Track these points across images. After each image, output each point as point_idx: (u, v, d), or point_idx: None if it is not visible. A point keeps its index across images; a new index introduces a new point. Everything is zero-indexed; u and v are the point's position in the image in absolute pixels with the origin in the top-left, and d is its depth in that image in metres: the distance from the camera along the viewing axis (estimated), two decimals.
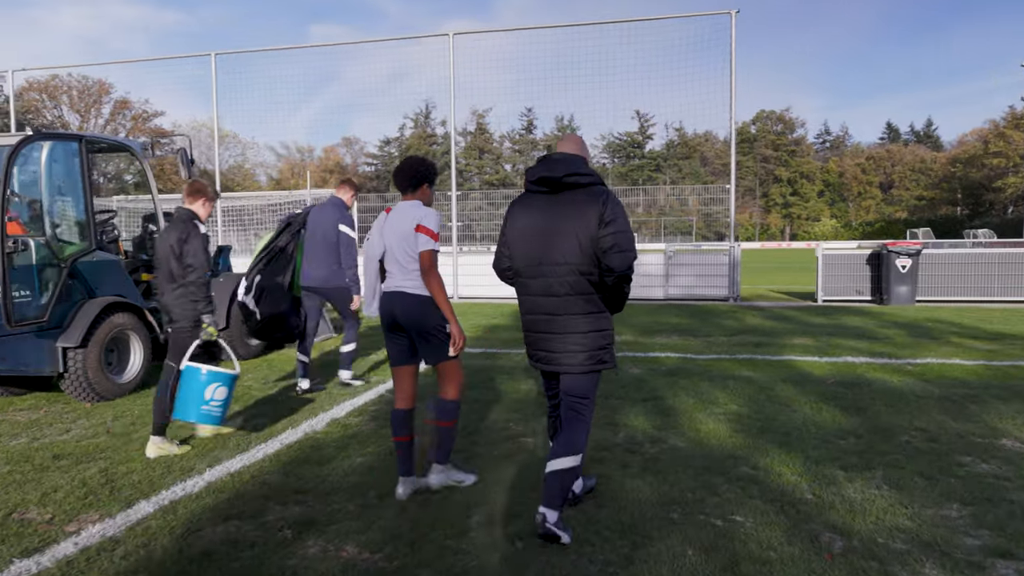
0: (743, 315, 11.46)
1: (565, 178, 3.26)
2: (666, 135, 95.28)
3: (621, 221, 3.20)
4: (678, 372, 6.80)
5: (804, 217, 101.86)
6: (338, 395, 6.06)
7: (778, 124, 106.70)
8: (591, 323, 3.30)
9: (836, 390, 5.98)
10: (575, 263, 3.23)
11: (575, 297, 3.27)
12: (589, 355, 3.30)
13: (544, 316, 3.34)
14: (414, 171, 3.78)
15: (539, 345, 3.39)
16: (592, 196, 3.24)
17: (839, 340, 8.65)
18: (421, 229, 3.65)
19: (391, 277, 3.79)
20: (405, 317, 3.69)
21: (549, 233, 3.27)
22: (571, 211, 3.24)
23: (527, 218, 3.36)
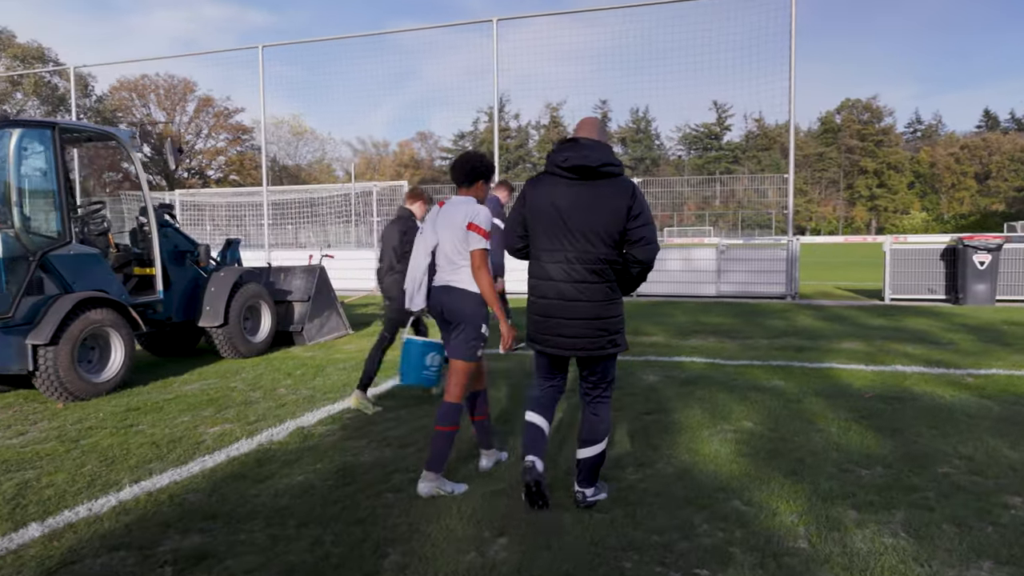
0: (795, 315, 10.55)
1: (601, 167, 3.27)
2: (745, 126, 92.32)
3: (647, 214, 3.29)
4: (697, 381, 6.11)
5: (892, 210, 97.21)
6: (320, 398, 5.65)
7: (864, 113, 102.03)
8: (611, 309, 3.36)
9: (874, 406, 5.19)
10: (603, 252, 3.28)
11: (600, 284, 3.31)
12: (609, 339, 3.36)
13: (564, 301, 3.33)
14: (471, 167, 3.80)
15: (555, 330, 3.36)
16: (621, 188, 3.28)
17: (894, 345, 7.73)
18: (472, 227, 3.64)
19: (440, 271, 3.81)
20: (450, 309, 3.73)
21: (578, 220, 3.28)
22: (601, 201, 3.26)
23: (554, 202, 3.33)
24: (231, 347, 7.18)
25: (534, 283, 3.46)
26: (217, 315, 6.98)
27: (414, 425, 4.85)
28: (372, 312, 11.78)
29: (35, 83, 53.58)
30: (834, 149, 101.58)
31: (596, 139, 3.40)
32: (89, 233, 6.38)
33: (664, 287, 13.76)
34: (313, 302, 8.26)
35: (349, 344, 8.29)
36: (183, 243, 7.12)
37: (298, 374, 6.57)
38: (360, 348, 7.96)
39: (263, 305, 7.64)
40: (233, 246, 8.10)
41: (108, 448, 4.44)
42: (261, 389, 6.02)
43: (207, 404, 5.51)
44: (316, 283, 8.31)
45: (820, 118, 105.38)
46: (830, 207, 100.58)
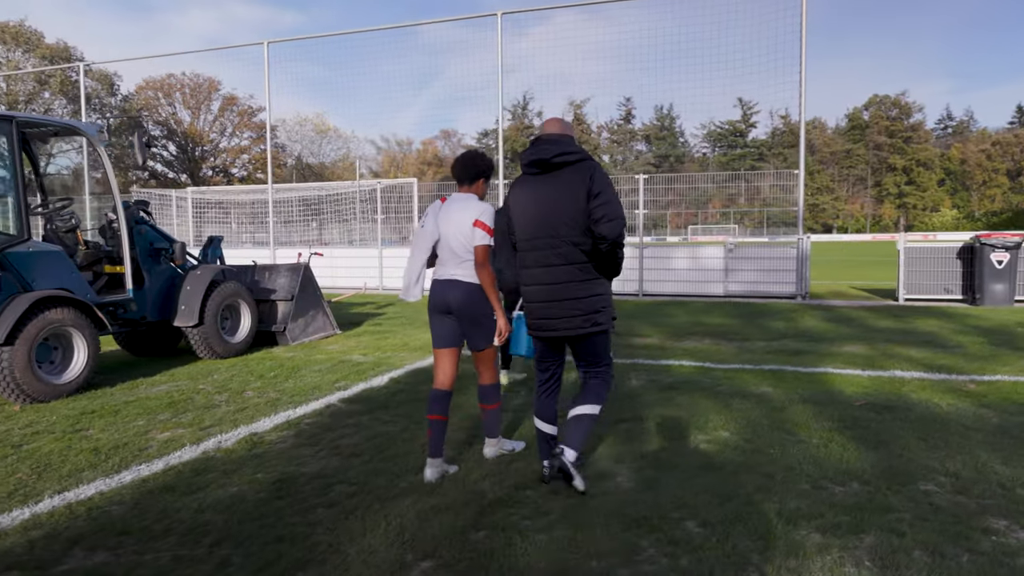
0: (800, 316, 10.18)
1: (554, 159, 3.52)
2: (771, 122, 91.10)
3: (608, 192, 3.45)
4: (681, 386, 5.82)
5: (921, 207, 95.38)
6: (285, 402, 5.45)
7: (893, 109, 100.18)
8: (586, 289, 3.53)
9: (862, 415, 4.87)
10: (567, 235, 3.48)
11: (569, 266, 3.51)
12: (585, 318, 3.53)
13: (542, 286, 3.58)
14: (472, 165, 3.96)
15: (539, 314, 3.63)
16: (579, 172, 3.48)
17: (898, 348, 7.36)
18: (479, 224, 3.80)
19: (443, 265, 3.95)
20: (459, 304, 3.86)
21: (543, 210, 3.54)
22: (562, 188, 3.50)
23: (524, 198, 3.64)
24: (207, 347, 7.01)
25: (521, 274, 3.73)
26: (192, 314, 6.82)
27: (371, 432, 4.62)
28: (364, 312, 11.59)
29: (61, 82, 54.30)
30: (861, 146, 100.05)
31: (558, 133, 3.64)
32: (56, 230, 6.24)
33: (671, 286, 13.44)
34: (297, 301, 8.07)
35: (333, 344, 8.09)
36: (159, 240, 6.95)
37: (271, 376, 6.38)
38: (343, 348, 7.77)
39: (242, 304, 7.46)
40: (215, 243, 7.93)
41: (47, 455, 4.26)
42: (228, 391, 5.83)
43: (167, 407, 5.33)
44: (300, 281, 8.12)
45: (847, 114, 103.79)
46: (857, 205, 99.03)
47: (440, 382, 3.98)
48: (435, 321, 3.98)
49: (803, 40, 12.36)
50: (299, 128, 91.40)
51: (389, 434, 4.58)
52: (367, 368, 6.68)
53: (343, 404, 5.40)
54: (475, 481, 3.72)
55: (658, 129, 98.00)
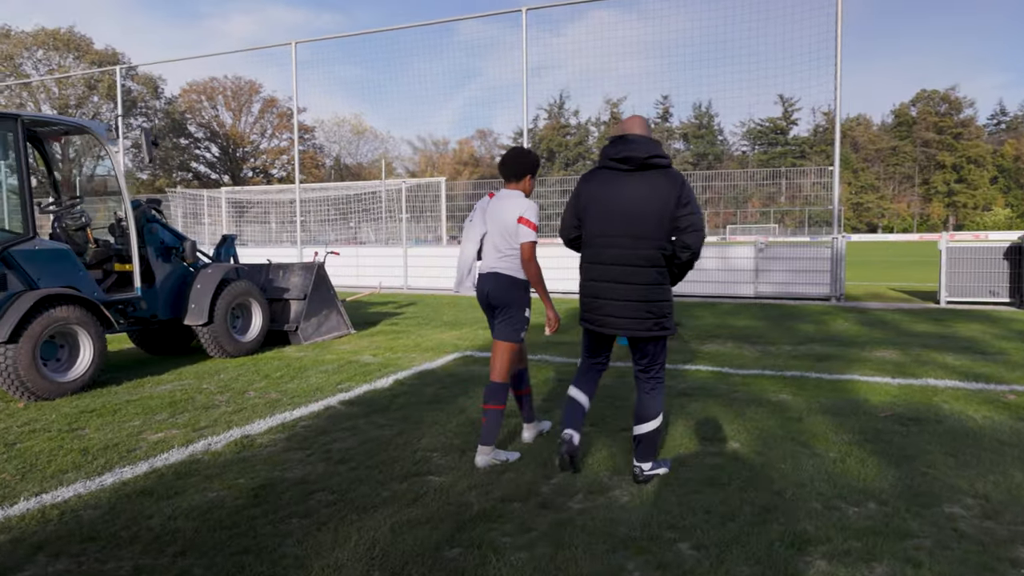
0: (832, 318, 9.78)
1: (649, 159, 3.53)
2: (812, 119, 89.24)
3: (695, 204, 3.53)
4: (695, 392, 5.55)
5: (971, 206, 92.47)
6: (285, 403, 5.34)
7: (942, 104, 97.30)
8: (659, 292, 3.56)
9: (887, 427, 4.56)
10: (653, 237, 3.50)
11: (649, 269, 3.52)
12: (655, 321, 3.57)
13: (614, 283, 3.57)
14: (519, 162, 4.03)
15: (604, 310, 3.62)
16: (671, 178, 3.51)
17: (933, 354, 6.97)
18: (523, 221, 3.88)
19: (486, 258, 4.07)
20: (495, 294, 3.98)
21: (630, 209, 3.52)
22: (652, 190, 3.50)
23: (607, 193, 3.60)
24: (217, 346, 6.96)
25: (587, 267, 3.72)
26: (202, 313, 6.76)
27: (366, 437, 4.47)
28: (384, 311, 11.50)
29: (109, 87, 55.63)
30: (908, 143, 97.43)
31: (644, 134, 3.66)
32: (67, 228, 6.23)
33: (700, 287, 13.09)
34: (310, 300, 7.98)
35: (345, 344, 7.99)
36: (170, 239, 6.92)
37: (276, 376, 6.29)
38: (355, 349, 7.65)
39: (254, 303, 7.39)
40: (228, 242, 7.88)
41: (37, 454, 4.20)
42: (230, 391, 5.74)
43: (166, 407, 5.25)
44: (313, 281, 8.03)
45: (893, 110, 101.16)
46: (904, 203, 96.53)
47: (495, 375, 4.08)
48: (486, 314, 4.17)
49: (839, 33, 11.91)
50: (337, 129, 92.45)
51: (382, 439, 4.42)
52: (374, 369, 6.54)
53: (342, 406, 5.26)
54: (461, 492, 3.53)
55: (696, 127, 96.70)
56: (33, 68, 52.01)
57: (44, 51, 53.31)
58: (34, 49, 52.91)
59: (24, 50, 51.92)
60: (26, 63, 51.45)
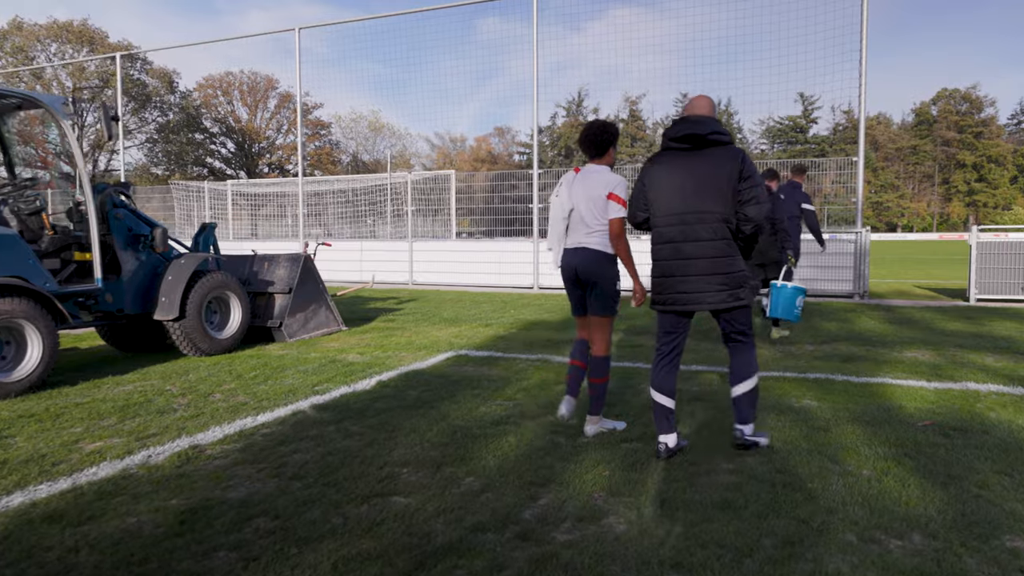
0: (857, 316, 9.14)
1: (710, 135, 3.61)
2: (832, 118, 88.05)
3: (757, 176, 3.61)
4: (708, 397, 4.98)
5: (991, 206, 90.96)
6: (250, 408, 4.81)
7: (963, 103, 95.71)
8: (732, 264, 3.61)
9: (928, 439, 3.96)
10: (719, 212, 3.58)
11: (719, 242, 3.58)
12: (730, 292, 3.63)
13: (687, 260, 3.63)
14: (599, 137, 4.06)
15: (677, 287, 3.66)
16: (731, 153, 3.61)
17: (970, 355, 6.34)
18: (613, 197, 3.95)
19: (574, 233, 4.09)
20: (584, 269, 4.03)
21: (695, 185, 3.60)
22: (714, 166, 3.59)
23: (671, 173, 3.68)
24: (190, 343, 6.45)
25: (656, 248, 3.76)
26: (172, 307, 6.25)
27: (331, 447, 3.93)
28: (382, 306, 10.98)
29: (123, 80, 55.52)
30: (928, 142, 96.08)
31: (707, 114, 3.72)
32: (19, 213, 5.73)
33: None
34: (295, 294, 7.46)
35: (333, 342, 7.46)
36: (140, 227, 6.41)
37: (249, 377, 5.77)
38: (342, 346, 7.13)
39: (232, 297, 6.87)
40: (208, 230, 7.36)
41: None
42: (194, 394, 5.23)
43: (117, 411, 4.74)
44: (299, 274, 7.51)
45: (914, 109, 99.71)
46: (924, 203, 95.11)
47: (583, 332, 4.31)
48: (569, 290, 4.22)
49: (864, 30, 11.26)
50: (354, 125, 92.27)
51: (349, 450, 3.88)
52: (358, 369, 6.01)
53: (314, 411, 4.73)
54: (426, 519, 2.98)
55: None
56: (47, 61, 51.87)
57: (58, 44, 53.24)
58: (48, 42, 52.84)
59: (37, 42, 51.86)
60: (39, 56, 51.38)
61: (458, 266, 14.74)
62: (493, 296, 12.57)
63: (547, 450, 3.86)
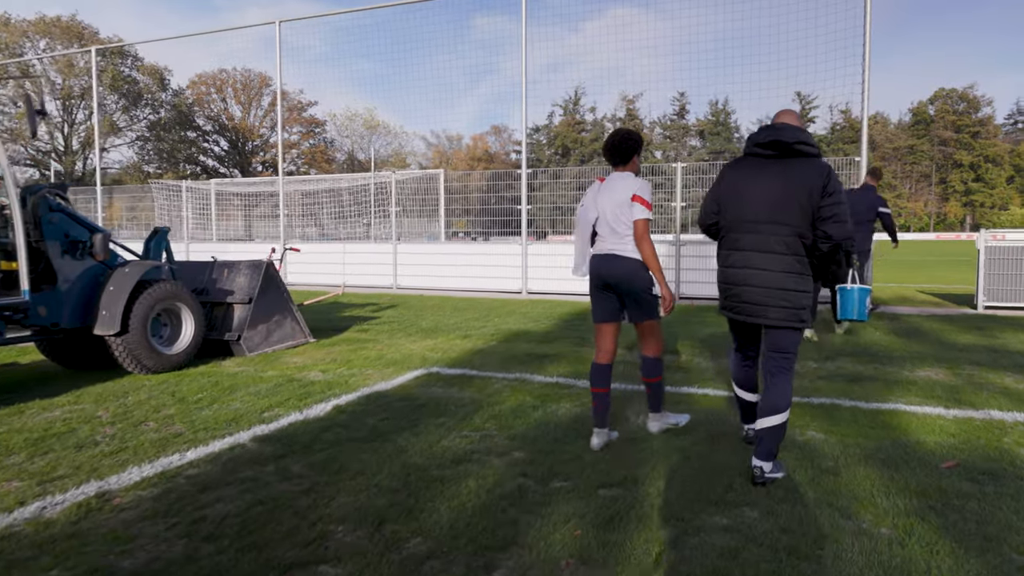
0: (862, 327, 8.61)
1: (796, 145, 3.49)
2: (831, 117, 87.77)
3: (841, 194, 3.43)
4: (699, 428, 4.43)
5: (988, 205, 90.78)
6: (184, 440, 4.25)
7: (960, 103, 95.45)
8: (799, 283, 3.48)
9: (953, 484, 3.42)
10: (795, 225, 3.45)
11: (790, 256, 3.47)
12: (792, 312, 3.49)
13: (754, 270, 3.52)
14: (626, 145, 4.04)
15: (743, 297, 3.57)
16: (817, 167, 3.47)
17: (988, 375, 5.81)
18: (637, 199, 3.92)
19: (602, 240, 4.07)
20: (617, 278, 3.98)
21: (774, 194, 3.48)
22: (797, 177, 3.46)
23: (751, 178, 3.57)
24: (134, 360, 5.87)
25: (725, 254, 3.68)
26: (113, 321, 5.69)
27: (262, 494, 3.38)
28: (359, 315, 10.41)
29: (113, 77, 54.69)
30: (926, 142, 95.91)
31: (794, 124, 3.61)
32: None
33: (712, 288, 11.94)
34: (256, 304, 6.89)
35: (297, 356, 6.89)
36: (78, 232, 5.83)
37: (194, 399, 5.21)
38: (306, 362, 6.57)
39: (184, 308, 6.30)
40: (160, 235, 6.78)
41: None
42: (126, 422, 4.66)
43: (29, 446, 4.17)
44: (261, 282, 6.94)
45: (911, 109, 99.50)
46: (921, 202, 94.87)
47: (601, 356, 4.15)
48: (595, 296, 4.15)
49: (867, 27, 10.73)
50: (349, 123, 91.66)
51: (281, 499, 3.33)
52: (316, 391, 5.46)
53: (255, 444, 4.17)
54: None
55: (713, 124, 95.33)
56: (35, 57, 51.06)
57: (47, 40, 52.49)
58: (36, 38, 52.08)
59: (25, 38, 51.11)
60: (28, 52, 50.60)
61: (444, 269, 14.19)
62: (478, 302, 12.01)
63: (512, 498, 3.32)
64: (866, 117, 11.12)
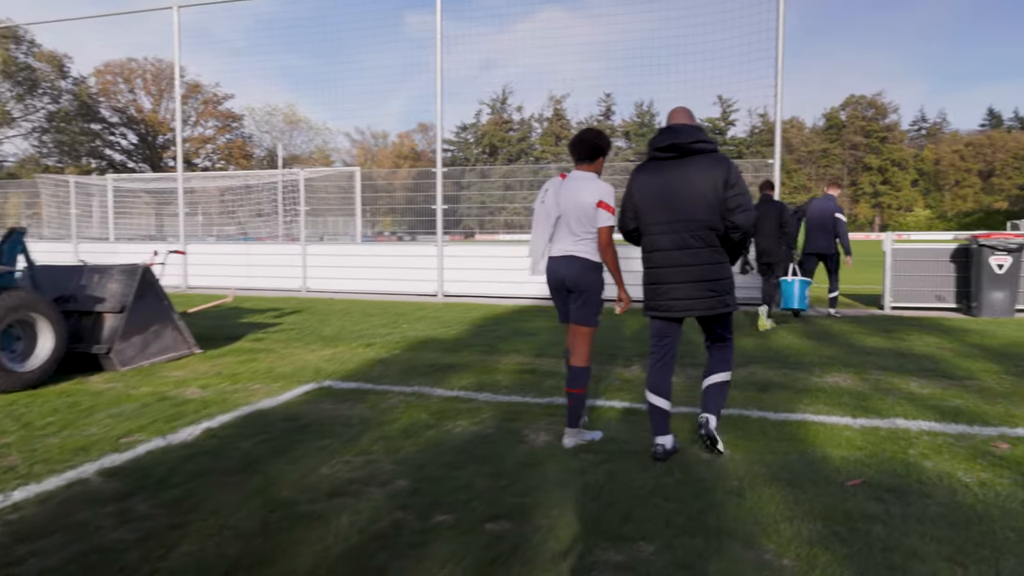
0: (774, 331, 8.56)
1: (694, 144, 3.68)
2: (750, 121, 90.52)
3: (742, 184, 3.68)
4: (601, 447, 4.14)
5: (895, 207, 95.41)
6: (20, 474, 3.69)
7: (869, 109, 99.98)
8: (720, 271, 3.71)
9: (860, 506, 3.22)
10: (706, 219, 3.65)
11: (708, 249, 3.67)
12: (720, 299, 3.73)
13: (681, 268, 3.69)
14: (592, 144, 4.02)
15: (669, 295, 3.74)
16: (717, 161, 3.68)
17: (895, 379, 5.76)
18: (602, 205, 3.91)
19: (560, 241, 4.01)
20: (572, 278, 3.97)
21: (681, 193, 3.67)
22: (700, 174, 3.65)
23: (657, 181, 3.75)
24: None
25: (647, 256, 3.81)
26: None
27: (90, 545, 2.88)
28: (259, 321, 9.81)
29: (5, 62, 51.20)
30: (838, 145, 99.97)
31: (689, 123, 3.79)
32: None
33: None
34: (130, 313, 6.25)
35: (178, 370, 6.30)
36: None
37: (41, 424, 4.61)
38: (185, 376, 6.00)
39: (40, 319, 5.63)
40: (15, 237, 6.04)
41: None
42: None
43: None
44: (136, 288, 6.31)
45: (825, 114, 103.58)
46: None
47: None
48: (555, 297, 4.16)
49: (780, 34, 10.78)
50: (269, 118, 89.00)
51: (112, 550, 2.84)
52: (190, 410, 4.93)
53: (100, 479, 3.65)
54: None
55: (638, 125, 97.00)
56: None
57: None
58: None
59: None
60: None
61: (358, 272, 13.63)
62: (390, 306, 11.53)
63: (385, 538, 2.93)
64: (779, 121, 11.19)
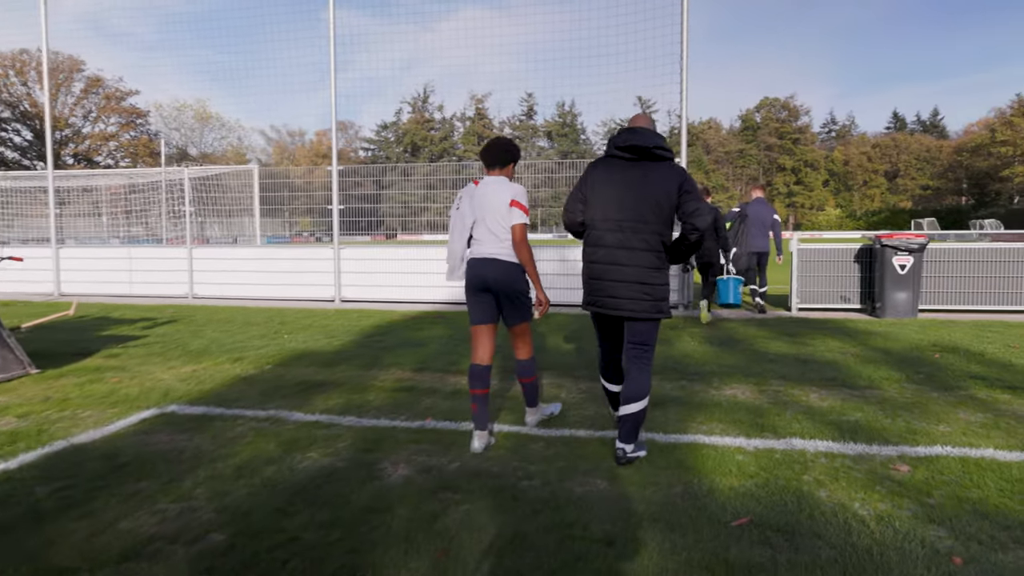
0: (679, 335, 8.24)
1: (654, 149, 3.75)
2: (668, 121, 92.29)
3: (697, 192, 3.74)
4: (466, 482, 3.62)
5: (808, 206, 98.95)
6: None
7: (783, 111, 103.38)
8: (658, 277, 3.76)
9: (745, 552, 2.79)
10: (654, 223, 3.71)
11: (649, 252, 3.71)
12: (653, 303, 3.75)
13: (617, 266, 3.73)
14: (504, 151, 4.16)
15: (608, 292, 3.78)
16: (674, 169, 3.76)
17: (795, 390, 5.45)
18: (516, 204, 4.02)
19: (480, 244, 4.10)
20: (497, 281, 4.03)
21: (635, 196, 3.72)
22: (656, 179, 3.72)
23: (613, 180, 3.80)
24: None
25: (590, 250, 3.87)
26: None
27: None
28: (126, 332, 8.90)
29: None
30: (754, 146, 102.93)
31: (651, 129, 3.87)
32: None
33: None
34: None
35: (4, 394, 5.45)
36: None
37: None
38: (10, 401, 5.18)
39: None
40: None
41: None
42: None
43: None
44: None
45: (740, 116, 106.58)
46: None
47: (479, 358, 4.13)
48: (473, 299, 4.12)
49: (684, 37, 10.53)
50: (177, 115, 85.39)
51: None
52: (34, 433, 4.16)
53: None
54: None
55: (560, 126, 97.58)
56: None
57: None
58: None
59: None
60: None
61: (251, 276, 12.75)
62: (277, 314, 10.71)
63: None
64: (685, 122, 10.96)
